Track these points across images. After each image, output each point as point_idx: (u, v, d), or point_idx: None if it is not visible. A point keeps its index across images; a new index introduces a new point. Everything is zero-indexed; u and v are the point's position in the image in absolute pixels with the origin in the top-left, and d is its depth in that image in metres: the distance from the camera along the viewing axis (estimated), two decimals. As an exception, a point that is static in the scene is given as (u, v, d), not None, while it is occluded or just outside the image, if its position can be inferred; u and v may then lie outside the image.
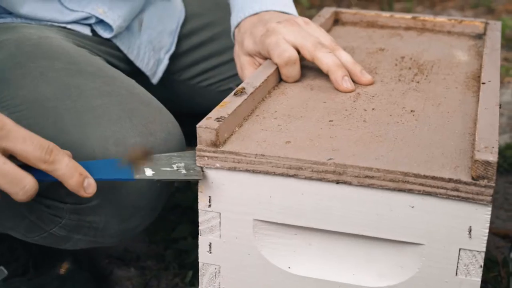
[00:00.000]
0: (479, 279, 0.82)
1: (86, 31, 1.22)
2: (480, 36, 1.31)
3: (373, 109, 0.97)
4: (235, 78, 1.37)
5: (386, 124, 0.92)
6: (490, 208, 0.79)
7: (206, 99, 1.41)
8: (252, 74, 1.03)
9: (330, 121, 0.93)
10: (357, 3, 3.35)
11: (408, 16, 1.37)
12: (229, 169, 0.85)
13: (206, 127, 0.85)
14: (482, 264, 0.82)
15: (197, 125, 0.85)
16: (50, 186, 0.97)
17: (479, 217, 0.80)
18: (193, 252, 1.43)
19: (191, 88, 1.42)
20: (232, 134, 0.89)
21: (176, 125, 1.05)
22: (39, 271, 1.32)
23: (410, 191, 0.80)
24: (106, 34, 1.23)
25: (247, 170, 0.84)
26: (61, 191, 0.96)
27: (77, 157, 0.96)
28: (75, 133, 0.97)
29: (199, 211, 0.89)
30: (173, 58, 1.38)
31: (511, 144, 1.85)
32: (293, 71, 1.05)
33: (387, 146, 0.86)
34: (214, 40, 1.41)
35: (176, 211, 1.60)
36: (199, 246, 0.91)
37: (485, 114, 0.89)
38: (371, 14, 1.38)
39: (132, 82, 1.09)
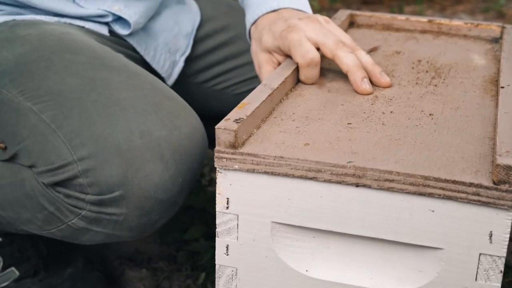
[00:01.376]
0: (499, 285, 0.82)
1: (104, 31, 1.23)
2: (496, 40, 1.30)
3: (391, 112, 0.97)
4: (251, 82, 1.38)
5: (405, 127, 0.92)
6: (511, 213, 0.79)
7: (221, 102, 1.41)
8: (269, 75, 1.03)
9: (348, 123, 0.93)
10: (367, 7, 3.35)
11: (424, 19, 1.36)
12: (248, 171, 0.84)
13: (225, 128, 0.84)
14: (503, 269, 0.81)
15: (216, 127, 0.84)
16: (71, 177, 0.98)
17: (500, 222, 0.79)
18: (205, 254, 1.42)
19: (206, 91, 1.42)
20: (250, 136, 0.88)
21: (199, 121, 1.06)
22: (50, 271, 1.32)
23: (430, 195, 0.79)
24: (124, 31, 1.23)
25: (265, 172, 0.84)
26: (83, 181, 0.97)
27: (102, 148, 0.96)
28: (100, 124, 0.98)
29: (217, 213, 0.89)
30: (188, 61, 1.38)
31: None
32: (313, 72, 1.05)
33: (406, 149, 0.86)
34: (229, 44, 1.41)
35: (188, 212, 1.59)
36: (216, 248, 0.91)
37: (505, 118, 0.89)
38: (386, 17, 1.37)
39: (155, 78, 1.10)
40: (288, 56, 1.08)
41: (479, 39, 1.32)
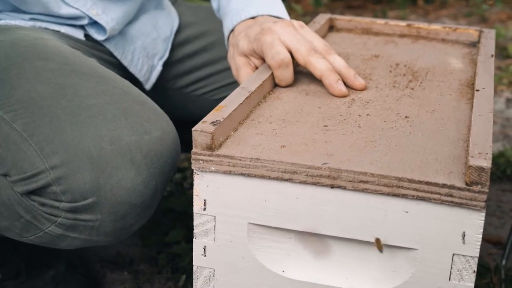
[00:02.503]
0: (472, 284, 0.83)
1: (80, 35, 1.23)
2: (474, 44, 1.32)
3: (367, 114, 0.98)
4: (230, 87, 1.38)
5: (380, 129, 0.93)
6: (483, 214, 0.80)
7: (200, 108, 1.41)
8: (247, 79, 1.03)
9: (325, 126, 0.94)
10: (351, 11, 3.36)
11: (403, 23, 1.37)
12: (224, 172, 0.85)
13: (201, 130, 0.85)
14: (476, 269, 0.82)
15: (193, 129, 0.85)
16: (45, 186, 0.98)
17: (473, 223, 0.80)
18: (186, 257, 1.43)
19: (185, 97, 1.42)
20: (227, 138, 0.89)
21: (171, 124, 1.06)
22: (32, 274, 1.32)
23: (404, 196, 0.81)
24: (99, 37, 1.24)
25: (242, 174, 0.85)
26: (56, 189, 0.97)
27: (74, 156, 0.96)
28: (70, 132, 0.98)
29: (194, 214, 0.89)
30: (167, 66, 1.38)
31: (504, 152, 1.86)
32: (285, 73, 1.05)
33: (381, 151, 0.87)
34: (208, 49, 1.42)
35: (169, 215, 1.60)
36: (194, 249, 0.91)
37: (479, 120, 0.90)
38: (365, 21, 1.39)
39: (126, 82, 1.10)
40: (264, 60, 1.09)
41: (457, 43, 1.33)
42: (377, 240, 0.84)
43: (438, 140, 0.90)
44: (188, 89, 1.42)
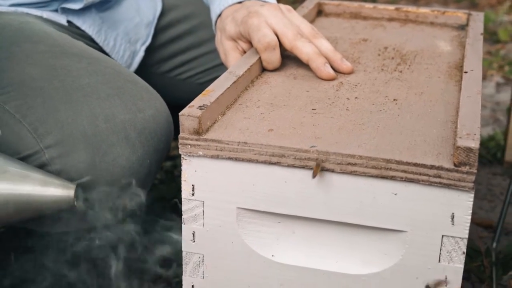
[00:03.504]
0: (462, 266, 0.83)
1: (62, 20, 1.22)
2: (463, 27, 1.31)
3: (356, 98, 0.97)
4: (215, 70, 1.38)
5: (368, 112, 0.92)
6: (472, 195, 0.79)
7: (186, 92, 1.41)
8: (235, 63, 1.03)
9: (313, 109, 0.93)
10: None
11: (391, 7, 1.37)
12: (212, 157, 0.85)
13: (188, 115, 0.84)
14: (465, 250, 0.82)
15: (180, 113, 0.85)
16: (40, 166, 0.98)
17: (462, 204, 0.80)
18: (177, 244, 1.42)
19: (170, 81, 1.42)
20: (215, 122, 0.89)
21: (163, 103, 1.07)
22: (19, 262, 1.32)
23: (392, 178, 0.80)
24: (75, 6, 1.22)
25: (229, 158, 0.84)
26: (52, 168, 0.97)
27: (68, 135, 0.96)
28: (64, 111, 0.98)
29: (183, 199, 0.89)
30: (150, 51, 1.38)
31: (494, 136, 1.85)
32: (272, 56, 1.05)
33: (369, 133, 0.86)
34: (192, 33, 1.41)
35: (160, 203, 1.59)
36: (183, 235, 0.91)
37: (467, 102, 0.89)
38: (354, 5, 1.38)
39: (116, 62, 1.11)
40: (251, 43, 1.08)
41: (445, 26, 1.33)
42: (317, 165, 0.82)
43: (426, 122, 0.90)
44: (172, 73, 1.41)
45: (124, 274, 1.37)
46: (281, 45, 1.06)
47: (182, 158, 0.87)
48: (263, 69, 1.07)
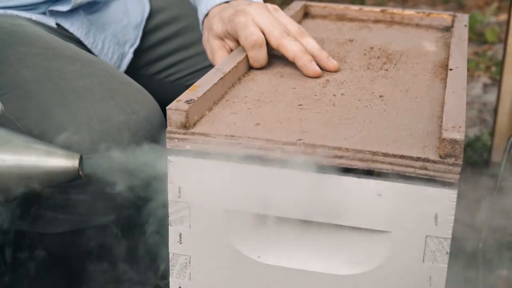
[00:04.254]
0: (446, 266, 0.83)
1: (52, 23, 1.22)
2: (448, 29, 1.32)
3: (342, 94, 0.98)
4: (203, 72, 1.38)
5: (355, 108, 0.93)
6: (455, 195, 0.80)
7: (174, 94, 1.40)
8: (222, 61, 1.03)
9: (299, 105, 0.94)
10: (329, 0, 3.37)
11: (377, 9, 1.38)
12: (199, 151, 0.85)
13: (176, 109, 0.85)
14: (449, 250, 0.82)
15: (167, 107, 0.85)
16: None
17: (445, 204, 0.80)
18: (165, 246, 1.42)
19: (158, 83, 1.42)
20: (202, 117, 0.89)
21: (156, 104, 1.07)
22: (12, 266, 1.32)
23: (378, 175, 0.81)
24: (63, 8, 1.22)
25: (216, 157, 0.84)
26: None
27: (63, 136, 0.96)
28: (59, 113, 0.98)
29: (169, 201, 0.89)
30: (139, 53, 1.38)
31: (481, 137, 1.86)
32: (259, 54, 1.05)
33: (356, 128, 0.87)
34: (179, 35, 1.42)
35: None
36: (169, 237, 0.91)
37: (452, 97, 0.90)
38: (340, 7, 1.39)
39: (109, 65, 1.11)
40: (238, 42, 1.09)
41: (431, 28, 1.34)
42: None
43: (412, 117, 0.90)
44: (160, 75, 1.42)
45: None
46: (268, 44, 1.06)
47: (168, 161, 0.87)
48: (250, 68, 1.07)
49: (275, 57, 1.10)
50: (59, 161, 0.92)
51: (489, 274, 1.33)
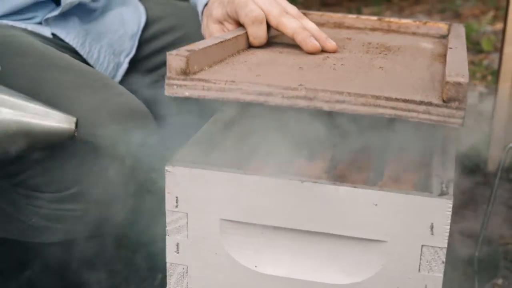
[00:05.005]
0: (441, 275, 0.83)
1: (47, 33, 1.22)
2: (444, 37, 1.33)
3: (342, 64, 0.97)
4: None
5: (355, 72, 0.92)
6: (451, 205, 0.80)
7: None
8: (222, 35, 1.03)
9: (300, 67, 0.93)
10: (326, 9, 3.40)
11: (374, 18, 1.38)
12: (199, 96, 0.84)
13: (176, 54, 0.84)
14: (444, 260, 0.82)
15: (168, 53, 0.84)
16: (28, 177, 0.97)
17: (441, 213, 0.80)
18: (162, 255, 1.40)
19: (153, 93, 1.42)
20: (201, 70, 0.88)
21: (150, 115, 1.07)
22: (5, 276, 1.28)
23: (381, 115, 0.79)
24: (55, 12, 1.22)
25: (217, 98, 0.83)
26: (39, 180, 0.96)
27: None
28: None
29: (166, 211, 0.89)
30: (134, 63, 1.38)
31: (476, 145, 1.85)
32: (259, 31, 1.05)
33: (357, 83, 0.86)
34: (176, 44, 1.42)
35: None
36: (167, 247, 0.91)
37: (454, 53, 0.90)
38: (337, 15, 1.40)
39: (104, 75, 1.12)
40: (238, 24, 1.09)
41: (427, 36, 1.34)
42: None
43: (413, 79, 0.90)
44: (156, 85, 1.41)
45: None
46: (267, 24, 1.06)
47: (165, 171, 0.86)
48: (250, 46, 1.07)
49: (274, 38, 1.09)
50: (59, 119, 0.92)
51: (485, 284, 1.30)
